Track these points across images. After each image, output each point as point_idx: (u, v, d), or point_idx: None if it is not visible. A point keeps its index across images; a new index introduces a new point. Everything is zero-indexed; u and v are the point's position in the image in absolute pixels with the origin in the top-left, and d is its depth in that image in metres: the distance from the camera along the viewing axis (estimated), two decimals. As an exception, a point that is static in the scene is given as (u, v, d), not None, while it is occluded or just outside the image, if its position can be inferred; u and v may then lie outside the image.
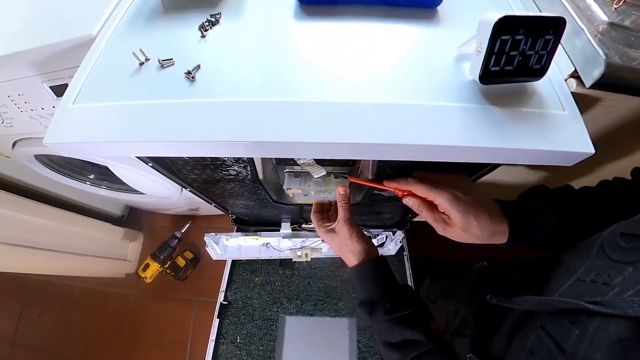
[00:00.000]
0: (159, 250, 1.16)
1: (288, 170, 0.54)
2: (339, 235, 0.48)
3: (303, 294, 0.95)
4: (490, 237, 0.37)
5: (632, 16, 0.35)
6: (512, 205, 0.39)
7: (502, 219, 0.37)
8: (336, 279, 0.98)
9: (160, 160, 0.46)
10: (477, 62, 0.30)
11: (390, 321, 0.41)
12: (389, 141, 0.29)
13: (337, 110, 0.30)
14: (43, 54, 0.44)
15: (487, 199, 0.39)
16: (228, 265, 1.00)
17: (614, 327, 0.23)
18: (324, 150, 0.30)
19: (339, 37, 0.36)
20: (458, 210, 0.36)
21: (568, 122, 0.31)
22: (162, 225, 1.42)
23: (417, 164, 0.42)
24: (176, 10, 0.39)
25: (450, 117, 0.30)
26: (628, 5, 0.35)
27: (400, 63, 0.34)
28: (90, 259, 1.08)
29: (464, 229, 0.36)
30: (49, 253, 0.93)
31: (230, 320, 0.91)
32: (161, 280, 1.26)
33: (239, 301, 0.94)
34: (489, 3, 0.41)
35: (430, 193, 0.38)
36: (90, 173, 0.99)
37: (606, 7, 0.35)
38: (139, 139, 0.29)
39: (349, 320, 0.92)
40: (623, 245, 0.28)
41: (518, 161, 0.31)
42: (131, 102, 0.31)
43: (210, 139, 0.28)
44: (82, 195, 1.13)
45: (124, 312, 1.25)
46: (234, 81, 0.32)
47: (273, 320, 0.91)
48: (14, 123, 0.60)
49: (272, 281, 0.98)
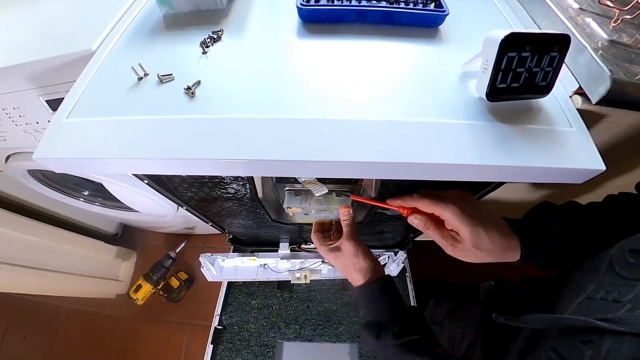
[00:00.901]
0: (152, 270, 1.12)
1: (288, 189, 0.52)
2: (344, 253, 0.46)
3: (302, 318, 0.91)
4: (502, 253, 0.36)
5: (630, 34, 0.35)
6: (520, 222, 0.38)
7: (512, 235, 0.36)
8: (336, 302, 0.94)
9: (156, 177, 0.45)
10: (484, 79, 0.29)
11: (399, 346, 0.39)
12: (395, 160, 0.27)
13: (341, 128, 0.29)
14: (41, 67, 0.43)
15: (494, 215, 0.37)
16: (223, 288, 0.96)
17: (627, 345, 0.22)
18: (328, 169, 0.28)
19: (342, 55, 0.36)
20: (467, 224, 0.34)
21: (576, 139, 0.30)
22: (156, 244, 1.38)
23: (422, 183, 0.41)
24: (178, 27, 0.39)
25: (457, 134, 0.29)
26: (625, 23, 0.36)
27: (405, 81, 0.34)
28: (81, 278, 1.03)
29: (474, 245, 0.35)
30: (38, 272, 0.88)
31: (224, 347, 0.86)
32: (153, 302, 1.21)
33: (235, 326, 0.89)
34: (489, 23, 0.41)
35: (436, 208, 0.36)
36: (85, 189, 0.97)
37: (605, 26, 0.35)
38: (135, 155, 0.28)
39: (350, 346, 0.87)
40: (632, 261, 0.27)
41: (527, 180, 0.30)
42: (128, 117, 0.30)
43: (209, 157, 0.27)
44: (75, 212, 1.10)
45: (113, 335, 1.18)
46: (234, 98, 0.31)
47: (270, 346, 0.87)
48: (8, 137, 0.60)
49: (269, 304, 0.94)
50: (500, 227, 0.36)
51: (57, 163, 0.30)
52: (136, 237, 1.39)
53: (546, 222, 0.37)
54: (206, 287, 1.24)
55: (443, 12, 0.38)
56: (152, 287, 1.11)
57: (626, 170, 0.52)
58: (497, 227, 0.35)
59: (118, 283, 1.22)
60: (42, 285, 0.94)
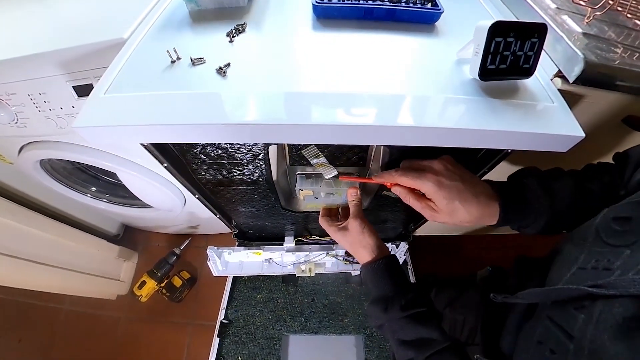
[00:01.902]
0: (157, 267, 1.13)
1: (300, 172, 0.56)
2: (351, 232, 0.49)
3: (307, 311, 0.92)
4: (479, 219, 0.38)
5: (600, 28, 0.41)
6: (502, 186, 0.41)
7: (492, 201, 0.38)
8: (341, 294, 0.96)
9: (176, 160, 0.48)
10: (476, 61, 0.34)
11: (406, 318, 0.41)
12: (402, 124, 0.32)
13: (354, 99, 0.33)
14: (73, 54, 0.47)
15: (475, 180, 0.39)
16: (229, 282, 0.97)
17: (617, 307, 0.24)
18: (343, 133, 0.32)
19: (352, 45, 0.41)
20: (443, 197, 0.37)
21: (558, 112, 0.35)
22: (158, 244, 1.38)
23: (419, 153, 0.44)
24: (204, 21, 0.43)
25: (456, 105, 0.34)
26: (596, 19, 0.41)
27: (408, 65, 0.39)
28: (83, 276, 1.03)
29: (450, 215, 0.38)
30: (40, 266, 0.88)
31: (230, 340, 0.87)
32: (155, 302, 1.20)
33: (240, 319, 0.91)
34: (478, 20, 0.46)
35: (414, 183, 0.39)
36: (93, 186, 0.99)
37: (579, 22, 0.41)
38: (170, 122, 0.31)
39: (355, 337, 0.88)
40: (617, 229, 0.28)
41: (518, 146, 0.35)
42: (163, 92, 0.33)
43: (241, 122, 0.31)
44: (79, 210, 1.11)
45: (114, 337, 1.17)
46: (261, 77, 0.35)
47: (276, 339, 0.88)
48: (28, 123, 0.61)
49: (274, 298, 0.95)
50: (480, 194, 0.38)
51: (94, 131, 0.32)
52: (137, 238, 1.39)
53: (527, 187, 0.39)
54: (209, 287, 1.24)
55: (439, 10, 0.44)
56: (156, 284, 1.11)
57: (605, 147, 0.56)
58: (475, 195, 0.37)
59: (119, 283, 1.22)
60: (42, 281, 0.93)
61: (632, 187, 0.34)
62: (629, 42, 0.41)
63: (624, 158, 0.38)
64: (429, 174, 0.38)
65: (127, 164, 0.74)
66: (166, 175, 0.79)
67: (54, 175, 0.87)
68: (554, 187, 0.38)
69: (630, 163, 0.37)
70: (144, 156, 0.73)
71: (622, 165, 0.38)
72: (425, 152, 0.41)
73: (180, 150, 0.47)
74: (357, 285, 0.97)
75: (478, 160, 0.49)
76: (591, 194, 0.38)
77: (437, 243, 1.14)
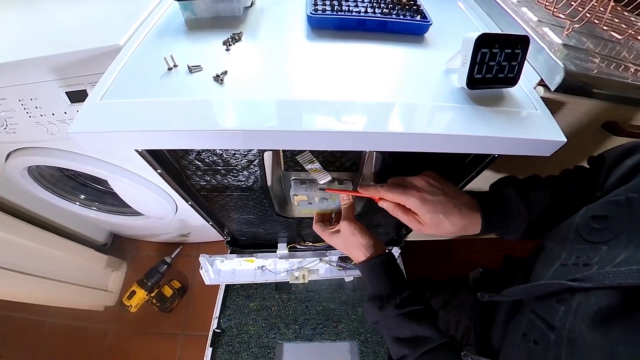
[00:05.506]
0: (147, 276, 1.10)
1: (294, 178, 0.57)
2: (343, 234, 0.50)
3: (301, 318, 0.92)
4: (463, 229, 0.40)
5: (579, 39, 0.44)
6: (483, 196, 0.43)
7: (473, 211, 0.40)
8: (334, 301, 0.96)
9: (171, 166, 0.48)
10: (464, 71, 0.36)
11: (401, 315, 0.41)
12: (395, 130, 0.33)
13: (348, 106, 0.34)
14: (68, 59, 0.46)
15: (457, 193, 0.42)
16: (221, 291, 0.96)
17: (593, 298, 0.25)
18: (335, 140, 0.33)
19: (345, 54, 0.42)
20: (427, 211, 0.39)
21: (542, 118, 0.36)
22: (147, 253, 1.35)
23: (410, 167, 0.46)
24: (200, 29, 0.44)
25: (445, 113, 0.35)
26: (575, 31, 0.44)
27: (399, 75, 0.40)
28: (69, 286, 1.00)
29: (435, 228, 0.40)
30: (23, 276, 0.85)
31: (224, 350, 0.85)
32: (144, 313, 1.17)
33: (233, 328, 0.89)
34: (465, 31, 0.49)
35: (399, 198, 0.41)
36: (81, 193, 0.97)
37: (559, 33, 0.44)
38: (168, 128, 0.31)
39: (350, 343, 0.88)
40: (596, 227, 0.30)
41: (504, 150, 0.36)
42: (160, 98, 0.34)
43: (238, 128, 0.31)
44: (65, 218, 1.08)
45: (101, 350, 1.13)
46: (257, 84, 0.36)
47: (270, 347, 0.86)
48: (18, 129, 0.59)
49: (268, 306, 0.94)
50: (462, 206, 0.40)
51: (90, 137, 0.32)
52: (126, 247, 1.36)
53: (507, 196, 0.41)
54: (200, 296, 1.22)
55: (427, 22, 0.46)
56: (146, 294, 1.08)
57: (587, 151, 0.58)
58: (457, 208, 0.40)
59: (107, 294, 1.18)
60: (25, 292, 0.89)
61: (607, 188, 0.36)
62: (605, 53, 0.44)
63: (599, 161, 0.40)
64: (413, 190, 0.40)
65: (119, 170, 0.73)
66: (158, 182, 0.79)
67: (42, 183, 0.85)
68: (531, 196, 0.40)
69: (605, 166, 0.39)
70: (136, 163, 0.73)
71: (597, 168, 0.40)
72: (415, 159, 0.42)
73: (175, 157, 0.47)
74: (350, 291, 0.97)
75: (466, 166, 0.51)
76: (569, 199, 0.40)
77: (430, 247, 1.16)
